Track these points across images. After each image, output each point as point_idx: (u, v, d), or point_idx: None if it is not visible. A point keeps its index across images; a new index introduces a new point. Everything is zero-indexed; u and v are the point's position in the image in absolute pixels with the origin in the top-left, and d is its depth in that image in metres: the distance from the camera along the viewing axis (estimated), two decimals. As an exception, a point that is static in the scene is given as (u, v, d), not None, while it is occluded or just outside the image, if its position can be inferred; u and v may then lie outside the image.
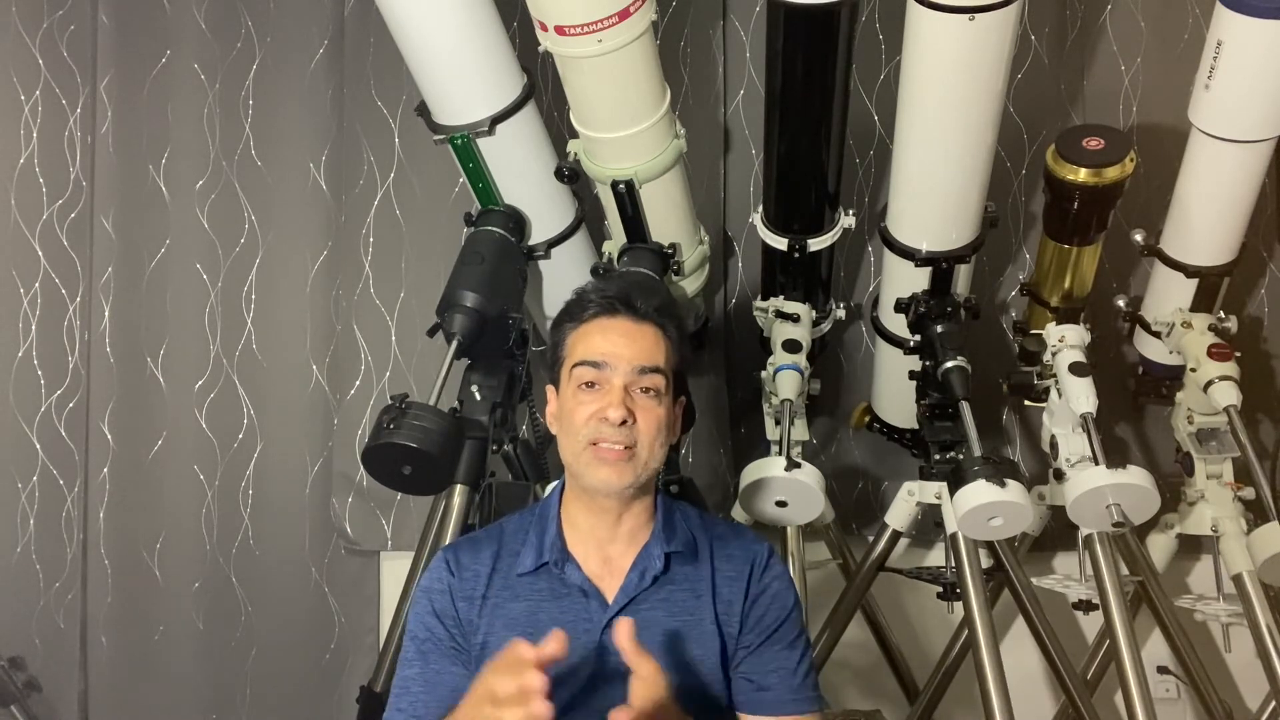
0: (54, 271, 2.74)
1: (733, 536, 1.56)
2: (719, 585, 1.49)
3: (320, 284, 2.75)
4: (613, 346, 1.45)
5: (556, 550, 1.47)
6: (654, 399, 1.45)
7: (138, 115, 2.74)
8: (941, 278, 2.18)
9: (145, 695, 2.72)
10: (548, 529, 1.49)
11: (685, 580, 1.48)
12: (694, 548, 1.50)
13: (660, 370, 1.46)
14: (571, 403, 1.46)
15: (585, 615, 1.44)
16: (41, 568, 2.72)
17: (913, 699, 2.60)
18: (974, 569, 2.05)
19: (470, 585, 1.48)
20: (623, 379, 1.44)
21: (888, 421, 2.57)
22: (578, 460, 1.45)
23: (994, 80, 1.90)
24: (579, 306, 1.51)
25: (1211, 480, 2.26)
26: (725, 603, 1.48)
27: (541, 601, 1.46)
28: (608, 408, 1.42)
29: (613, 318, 1.48)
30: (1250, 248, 2.42)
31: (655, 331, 1.49)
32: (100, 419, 2.72)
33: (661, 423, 1.45)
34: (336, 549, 2.73)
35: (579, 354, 1.47)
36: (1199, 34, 2.57)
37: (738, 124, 2.71)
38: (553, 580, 1.47)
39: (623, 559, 1.48)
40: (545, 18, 1.84)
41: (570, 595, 1.46)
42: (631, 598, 1.45)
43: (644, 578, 1.46)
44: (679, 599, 1.47)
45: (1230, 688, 2.60)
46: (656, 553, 1.47)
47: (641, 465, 1.44)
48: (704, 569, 1.49)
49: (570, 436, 1.46)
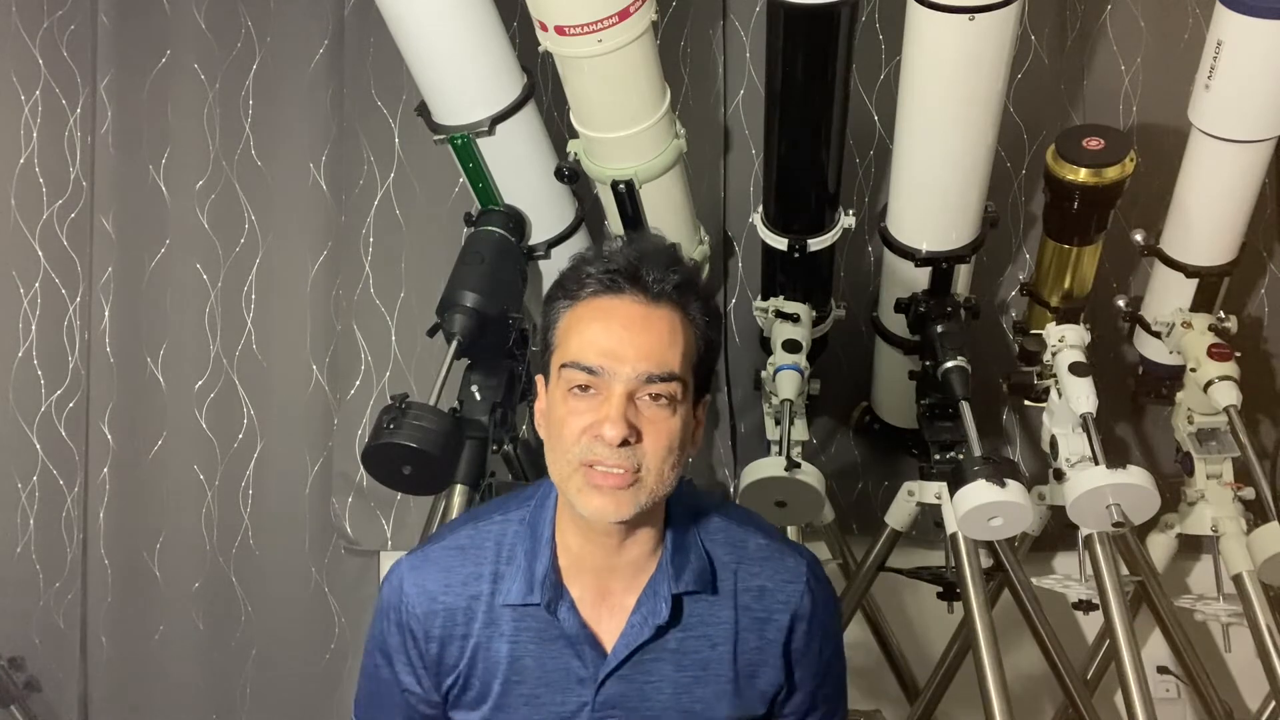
0: (54, 271, 2.74)
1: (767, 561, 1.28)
2: (742, 630, 1.25)
3: (320, 284, 2.74)
4: (614, 343, 1.14)
5: (549, 587, 1.23)
6: (666, 408, 1.15)
7: (138, 115, 2.74)
8: (941, 278, 2.18)
9: (145, 695, 2.72)
10: (539, 555, 1.24)
11: (700, 624, 1.24)
12: (710, 579, 1.25)
13: (676, 377, 1.15)
14: (561, 409, 1.17)
15: (579, 665, 1.24)
16: (41, 568, 2.72)
17: (913, 699, 2.60)
18: (974, 569, 2.05)
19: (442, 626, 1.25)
20: (625, 386, 1.14)
21: (888, 421, 2.57)
22: (567, 483, 1.17)
23: (994, 80, 1.90)
24: (574, 280, 1.20)
25: (1211, 480, 2.25)
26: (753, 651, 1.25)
27: (528, 644, 1.24)
28: (604, 423, 1.13)
29: (616, 298, 1.17)
30: (1250, 248, 2.41)
31: (672, 316, 1.17)
32: (100, 419, 2.72)
33: (675, 439, 1.16)
34: (336, 549, 2.72)
35: (571, 350, 1.17)
36: (1199, 34, 2.56)
37: (738, 124, 2.70)
38: (542, 621, 1.23)
39: (625, 595, 1.24)
40: (545, 18, 1.84)
41: (561, 640, 1.24)
42: (632, 651, 1.23)
43: (646, 626, 1.23)
44: (690, 648, 1.24)
45: (1230, 688, 2.60)
46: (663, 594, 1.22)
47: (647, 493, 1.16)
48: (724, 607, 1.25)
49: (558, 453, 1.17)
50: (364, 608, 2.72)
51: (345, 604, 2.73)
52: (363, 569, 2.73)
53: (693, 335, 1.19)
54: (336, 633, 2.73)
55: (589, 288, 1.18)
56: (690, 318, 1.19)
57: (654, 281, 1.17)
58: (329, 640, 2.73)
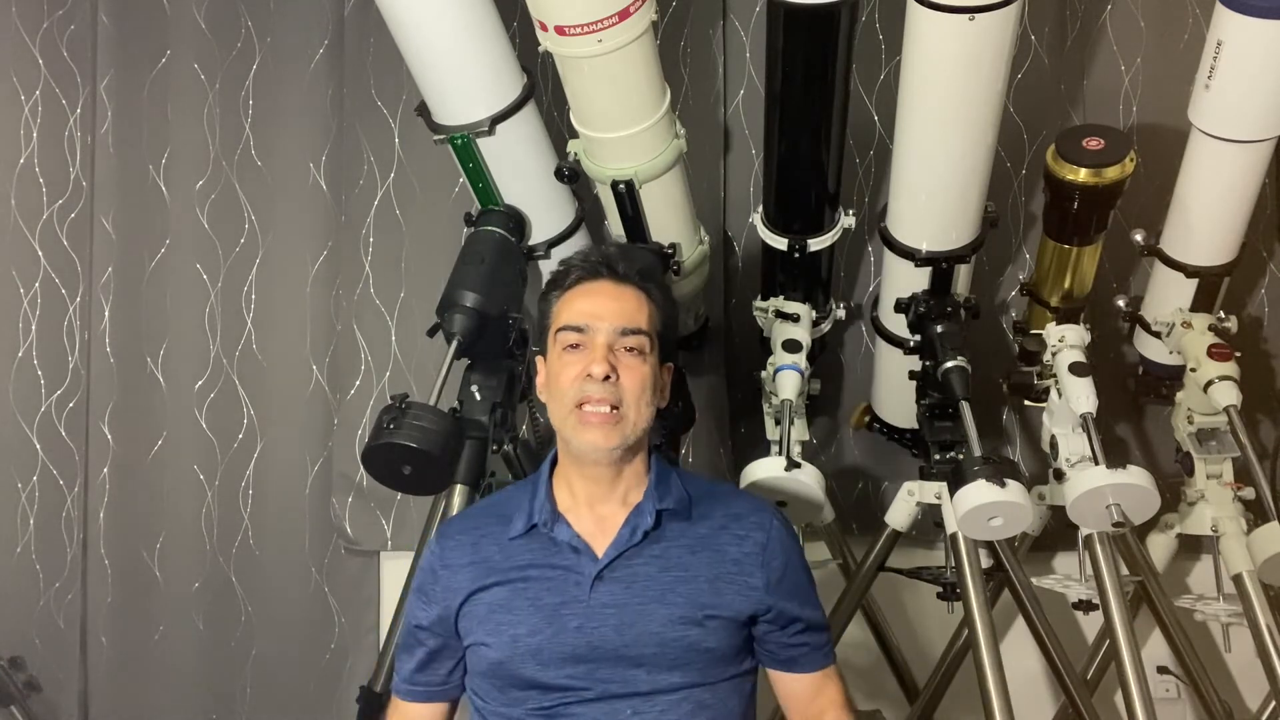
0: (54, 271, 2.74)
1: (736, 497, 1.60)
2: (722, 542, 1.50)
3: (320, 284, 2.75)
4: (595, 308, 1.49)
5: (546, 512, 1.50)
6: (638, 357, 1.48)
7: (138, 115, 2.74)
8: (941, 278, 2.18)
9: (145, 695, 2.72)
10: (538, 493, 1.52)
11: (679, 536, 1.49)
12: (688, 505, 1.51)
13: (643, 332, 1.49)
14: (557, 365, 1.50)
15: (575, 569, 1.47)
16: (41, 568, 2.72)
17: (913, 699, 2.60)
18: (974, 569, 2.05)
19: (462, 553, 1.51)
20: (606, 338, 1.47)
21: (888, 421, 2.57)
22: (565, 424, 1.48)
23: (994, 80, 1.90)
24: (563, 275, 1.56)
25: (1211, 480, 2.25)
26: (732, 560, 1.49)
27: (534, 558, 1.49)
28: (591, 364, 1.45)
29: (595, 280, 1.52)
30: (1250, 248, 2.41)
31: (637, 294, 1.52)
32: (100, 419, 2.73)
33: (646, 380, 1.48)
34: (336, 549, 2.73)
35: (563, 319, 1.51)
36: (1199, 34, 2.57)
37: (738, 124, 2.70)
38: (543, 540, 1.49)
39: (616, 518, 1.50)
40: (545, 18, 1.84)
41: (561, 552, 1.48)
42: (621, 552, 1.47)
43: (635, 533, 1.48)
44: (673, 555, 1.48)
45: (1230, 688, 2.60)
46: (648, 509, 1.49)
47: (630, 426, 1.47)
48: (700, 525, 1.51)
49: (558, 400, 1.49)
50: (364, 608, 2.73)
51: (345, 604, 2.73)
52: (363, 569, 2.73)
53: (654, 310, 1.53)
54: (336, 633, 2.73)
55: (573, 275, 1.54)
56: (651, 296, 1.54)
57: (622, 269, 1.53)
58: (329, 640, 2.73)
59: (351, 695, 2.20)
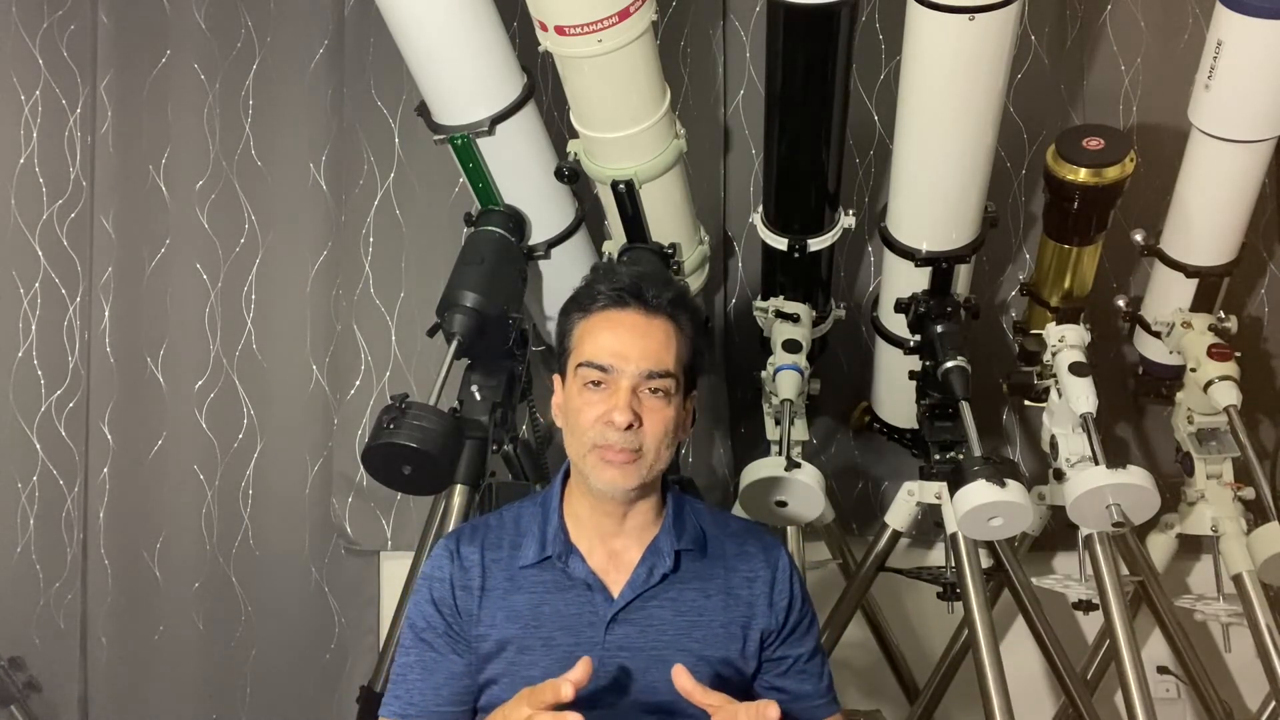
0: (54, 271, 2.74)
1: (747, 535, 1.54)
2: (734, 585, 1.47)
3: (320, 284, 2.75)
4: (621, 346, 1.40)
5: (559, 543, 1.44)
6: (663, 400, 1.41)
7: (138, 115, 2.74)
8: (941, 278, 2.18)
9: (145, 695, 2.72)
10: (550, 520, 1.47)
11: (695, 578, 1.46)
12: (703, 544, 1.48)
13: (670, 374, 1.41)
14: (577, 401, 1.42)
15: (590, 609, 1.43)
16: (41, 568, 2.72)
17: (913, 699, 2.60)
18: (974, 569, 2.05)
19: (470, 576, 1.45)
20: (630, 382, 1.39)
21: (888, 421, 2.57)
22: (583, 461, 1.42)
23: (994, 80, 1.90)
24: (588, 296, 1.46)
25: (1211, 480, 2.26)
26: (744, 604, 1.46)
27: (545, 594, 1.43)
28: (613, 410, 1.38)
29: (622, 310, 1.43)
30: (1250, 248, 2.42)
31: (667, 326, 1.43)
32: (100, 419, 2.72)
33: (670, 425, 1.42)
34: (336, 549, 2.72)
35: (586, 352, 1.42)
36: (1199, 34, 2.57)
37: (738, 124, 2.71)
38: (556, 573, 1.44)
39: (629, 553, 1.45)
40: (545, 18, 1.84)
41: (574, 588, 1.43)
42: (638, 594, 1.43)
43: (653, 574, 1.44)
44: (688, 597, 1.45)
45: (1230, 688, 2.60)
46: (666, 549, 1.45)
47: (648, 468, 1.41)
48: (715, 567, 1.47)
49: (575, 436, 1.43)
50: (364, 608, 2.73)
51: (345, 604, 2.73)
52: (363, 569, 2.73)
53: (683, 341, 1.45)
54: (336, 633, 2.73)
55: (600, 302, 1.44)
56: (681, 327, 1.45)
57: (652, 298, 1.43)
58: (329, 640, 2.73)
59: (351, 695, 2.21)
